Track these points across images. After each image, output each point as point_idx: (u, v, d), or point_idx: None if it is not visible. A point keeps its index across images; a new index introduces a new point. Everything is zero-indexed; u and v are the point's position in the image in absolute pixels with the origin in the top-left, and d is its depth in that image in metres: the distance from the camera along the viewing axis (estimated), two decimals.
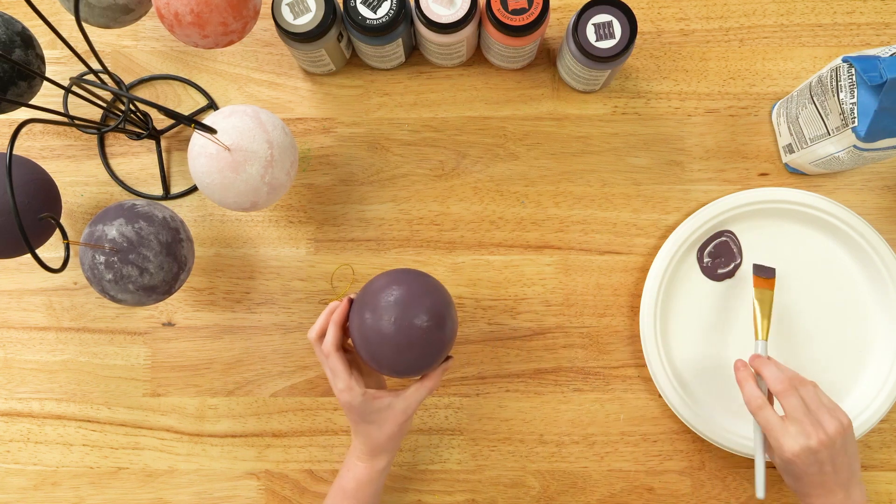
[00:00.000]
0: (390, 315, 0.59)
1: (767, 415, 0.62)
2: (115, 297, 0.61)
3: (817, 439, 0.60)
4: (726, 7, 0.77)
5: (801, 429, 0.60)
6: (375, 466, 0.65)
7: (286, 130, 0.65)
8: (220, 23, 0.58)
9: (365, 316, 0.60)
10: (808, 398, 0.62)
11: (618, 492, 0.75)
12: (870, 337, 0.74)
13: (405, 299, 0.59)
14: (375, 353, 0.60)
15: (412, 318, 0.59)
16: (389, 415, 0.63)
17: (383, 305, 0.59)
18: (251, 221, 0.77)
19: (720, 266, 0.74)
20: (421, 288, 0.61)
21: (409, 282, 0.61)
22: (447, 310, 0.61)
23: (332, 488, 0.67)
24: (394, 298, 0.59)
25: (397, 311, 0.59)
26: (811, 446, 0.60)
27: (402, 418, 0.63)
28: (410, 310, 0.59)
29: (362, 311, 0.60)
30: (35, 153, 0.78)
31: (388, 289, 0.60)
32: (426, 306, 0.59)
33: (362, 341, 0.60)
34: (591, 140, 0.76)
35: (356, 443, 0.65)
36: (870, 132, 0.61)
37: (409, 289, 0.60)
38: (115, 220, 0.60)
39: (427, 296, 0.60)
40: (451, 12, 0.67)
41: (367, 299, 0.61)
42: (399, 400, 0.62)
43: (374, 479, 0.65)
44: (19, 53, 0.62)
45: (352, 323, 0.62)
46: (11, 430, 0.76)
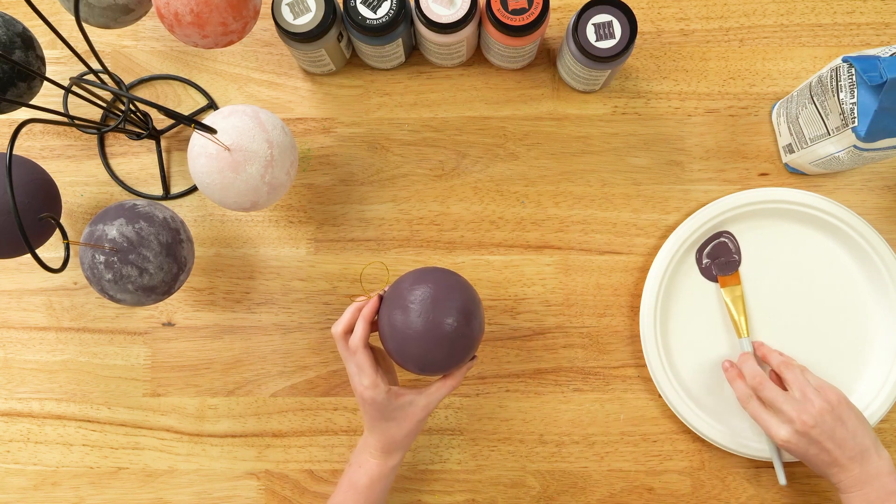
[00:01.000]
0: (421, 312, 0.60)
1: (754, 407, 0.66)
2: (114, 296, 0.61)
3: (801, 422, 0.62)
4: (726, 7, 0.77)
5: (783, 416, 0.63)
6: (388, 463, 0.65)
7: (286, 130, 0.65)
8: (219, 23, 0.58)
9: (395, 312, 0.61)
10: (792, 381, 0.65)
11: (618, 492, 0.75)
12: (870, 337, 0.74)
13: (437, 297, 0.60)
14: (404, 350, 0.61)
15: (443, 317, 0.60)
16: (410, 412, 0.63)
17: (415, 302, 0.60)
18: (251, 221, 0.77)
19: (719, 267, 0.74)
20: (451, 286, 0.62)
21: (440, 280, 0.62)
22: (476, 309, 0.62)
23: (342, 484, 0.67)
24: (425, 296, 0.60)
25: (428, 309, 0.60)
26: (797, 430, 0.62)
27: (422, 415, 0.64)
28: (441, 308, 0.60)
29: (393, 307, 0.61)
30: (35, 153, 0.78)
31: (420, 286, 0.61)
32: (457, 305, 0.61)
33: (391, 337, 0.61)
34: (591, 140, 0.76)
35: (370, 440, 0.65)
36: (870, 132, 0.61)
37: (441, 287, 0.61)
38: (116, 219, 0.60)
39: (457, 294, 0.61)
40: (451, 12, 0.67)
41: (398, 296, 0.62)
42: (422, 397, 0.63)
43: (385, 476, 0.65)
44: (19, 54, 0.62)
45: (381, 319, 0.63)
46: (11, 430, 0.76)
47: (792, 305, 0.74)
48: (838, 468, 0.62)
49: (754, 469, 0.74)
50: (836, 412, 0.63)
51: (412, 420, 0.64)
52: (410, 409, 0.63)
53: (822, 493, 0.74)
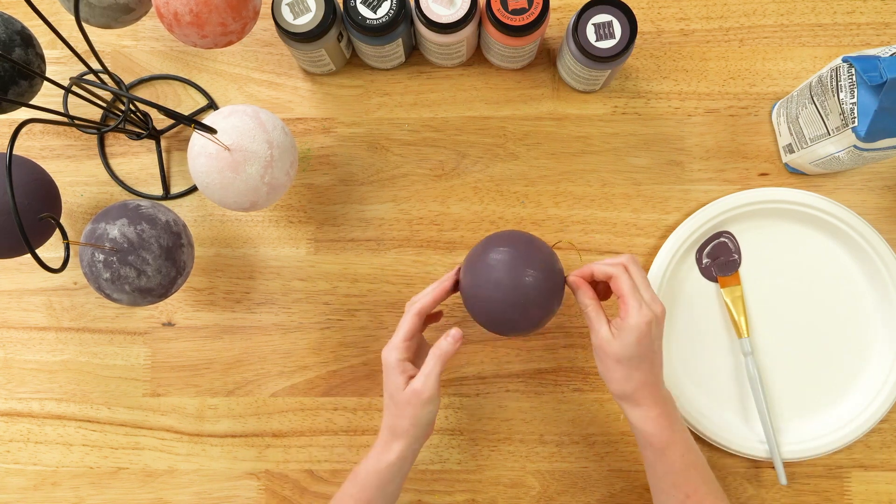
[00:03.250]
0: (497, 267, 0.62)
1: (631, 279, 0.61)
2: (110, 295, 0.61)
3: (661, 308, 0.61)
4: (726, 7, 0.77)
5: (650, 297, 0.61)
6: (386, 456, 0.63)
7: (286, 130, 0.65)
8: (219, 23, 0.58)
9: (467, 272, 0.64)
10: (636, 275, 0.62)
11: (618, 492, 0.75)
12: (870, 337, 0.74)
13: (516, 257, 0.62)
14: (475, 306, 0.63)
15: (522, 273, 0.62)
16: (411, 394, 0.61)
17: (489, 260, 0.63)
18: (251, 221, 0.77)
19: (719, 267, 0.74)
20: (522, 243, 0.64)
21: (514, 239, 0.64)
22: (552, 263, 0.63)
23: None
24: (501, 255, 0.63)
25: (507, 265, 0.62)
26: (659, 314, 0.60)
27: (416, 400, 0.61)
28: (519, 264, 0.62)
29: (467, 268, 0.64)
30: (35, 153, 0.78)
31: (494, 246, 0.63)
32: (534, 260, 0.62)
33: (466, 295, 0.64)
34: (591, 140, 0.76)
35: (382, 426, 0.65)
36: (870, 132, 0.61)
37: (514, 244, 0.64)
38: (118, 219, 0.60)
39: (531, 252, 0.63)
40: (451, 12, 0.67)
41: (473, 257, 0.64)
42: (417, 379, 0.62)
43: (380, 471, 0.63)
44: (19, 52, 0.62)
45: (462, 280, 0.64)
46: (11, 430, 0.76)
47: (792, 305, 0.74)
48: (649, 382, 0.60)
49: (754, 469, 0.74)
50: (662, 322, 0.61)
51: (412, 405, 0.61)
52: (410, 390, 0.62)
53: (823, 493, 0.74)
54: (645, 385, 0.60)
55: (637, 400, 0.60)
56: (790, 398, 0.74)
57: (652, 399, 0.60)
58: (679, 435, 0.60)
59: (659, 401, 0.60)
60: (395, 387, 0.62)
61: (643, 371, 0.60)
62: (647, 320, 0.59)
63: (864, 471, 0.74)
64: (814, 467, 0.74)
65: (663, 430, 0.60)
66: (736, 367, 0.74)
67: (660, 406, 0.60)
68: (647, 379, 0.60)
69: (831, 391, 0.74)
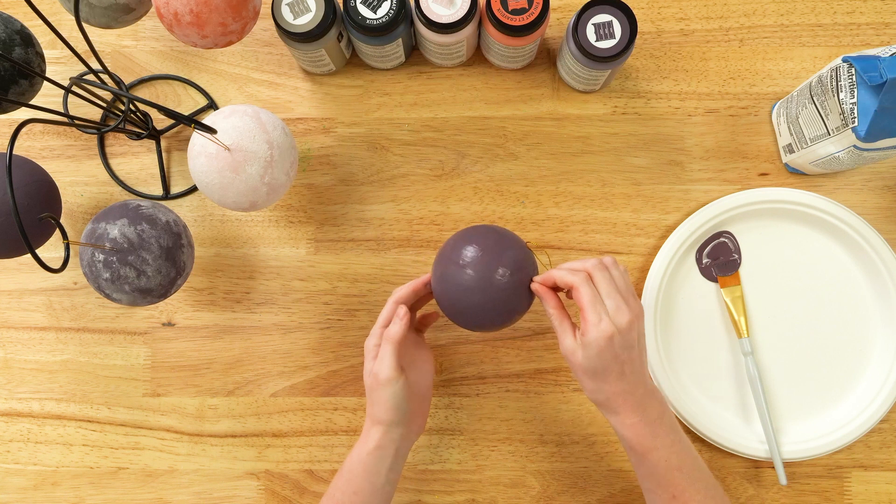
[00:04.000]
0: (464, 261, 0.61)
1: (593, 291, 0.57)
2: (110, 295, 0.61)
3: (630, 315, 0.57)
4: (726, 7, 0.77)
5: (616, 306, 0.57)
6: (366, 444, 0.63)
7: (286, 130, 0.65)
8: (219, 23, 0.58)
9: (437, 267, 0.63)
10: (602, 284, 0.58)
11: (618, 492, 0.75)
12: (870, 337, 0.74)
13: (484, 251, 0.61)
14: (445, 300, 0.62)
15: (492, 269, 0.60)
16: (370, 378, 0.63)
17: (448, 251, 0.62)
18: (251, 221, 0.77)
19: (719, 267, 0.74)
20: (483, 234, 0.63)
21: (484, 235, 0.63)
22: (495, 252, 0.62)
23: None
24: (455, 244, 0.62)
25: (453, 255, 0.61)
26: (625, 323, 0.56)
27: (375, 382, 0.61)
28: (461, 251, 0.61)
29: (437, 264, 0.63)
30: (35, 153, 0.78)
31: (463, 243, 0.62)
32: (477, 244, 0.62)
33: (437, 291, 0.63)
34: (591, 140, 0.76)
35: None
36: (870, 132, 0.61)
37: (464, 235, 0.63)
38: (119, 219, 0.60)
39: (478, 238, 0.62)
40: (451, 12, 0.67)
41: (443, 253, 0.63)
42: (375, 361, 0.63)
43: (363, 460, 0.62)
44: (19, 52, 0.62)
45: (432, 275, 0.64)
46: (11, 430, 0.76)
47: (792, 305, 0.74)
48: (624, 388, 0.58)
49: (754, 469, 0.74)
50: (638, 326, 0.58)
51: (373, 389, 0.62)
52: (369, 374, 0.63)
53: (823, 493, 0.74)
54: (617, 394, 0.58)
55: (612, 408, 0.58)
56: (790, 398, 0.74)
57: (628, 407, 0.58)
58: (661, 440, 0.58)
59: (636, 408, 0.58)
60: (366, 372, 0.64)
61: (611, 382, 0.57)
62: (607, 335, 0.56)
63: (864, 471, 0.74)
64: (814, 467, 0.74)
65: (642, 437, 0.58)
66: (736, 367, 0.74)
67: (637, 413, 0.58)
68: (619, 388, 0.57)
69: (831, 391, 0.74)
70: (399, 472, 0.65)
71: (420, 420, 0.66)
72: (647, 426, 0.58)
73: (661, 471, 0.58)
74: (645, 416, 0.58)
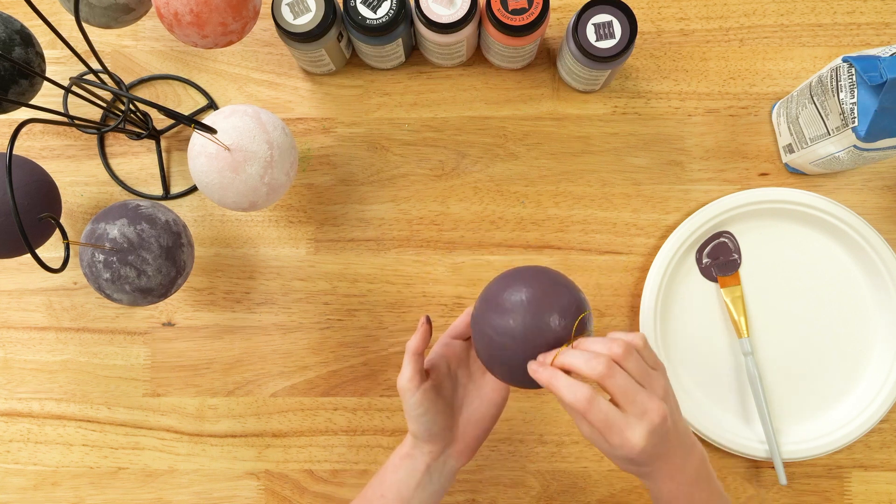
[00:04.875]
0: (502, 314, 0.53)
1: (604, 408, 0.49)
2: (110, 295, 0.61)
3: (659, 414, 0.49)
4: (726, 7, 0.77)
5: (640, 411, 0.49)
6: (400, 448, 0.61)
7: (286, 131, 0.65)
8: (219, 23, 0.58)
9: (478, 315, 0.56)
10: (633, 368, 0.51)
11: (618, 492, 0.75)
12: (870, 337, 0.74)
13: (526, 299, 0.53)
14: (485, 347, 0.55)
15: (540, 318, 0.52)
16: (399, 391, 0.59)
17: (505, 303, 0.54)
18: (251, 221, 0.77)
19: (719, 267, 0.74)
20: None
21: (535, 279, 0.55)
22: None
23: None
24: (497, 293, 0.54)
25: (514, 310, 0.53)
26: (655, 425, 0.49)
27: (400, 393, 0.59)
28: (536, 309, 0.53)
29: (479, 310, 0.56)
30: (35, 153, 0.78)
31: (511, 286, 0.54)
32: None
33: (473, 327, 0.56)
34: (591, 140, 0.76)
35: None
36: (870, 132, 0.61)
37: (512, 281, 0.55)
38: (118, 219, 0.60)
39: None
40: (451, 12, 0.67)
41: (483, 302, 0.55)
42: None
43: (394, 462, 0.60)
44: (19, 51, 0.62)
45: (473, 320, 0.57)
46: (11, 430, 0.76)
47: (792, 305, 0.74)
48: (664, 462, 0.52)
49: (754, 469, 0.74)
50: (671, 389, 0.52)
51: (402, 401, 0.59)
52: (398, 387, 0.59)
53: (823, 493, 0.74)
54: (657, 469, 0.52)
55: (649, 478, 0.53)
56: (790, 398, 0.74)
57: (665, 474, 0.52)
58: (698, 498, 0.54)
59: (675, 473, 0.52)
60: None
61: (650, 466, 0.52)
62: (637, 451, 0.49)
63: (864, 471, 0.74)
64: (814, 467, 0.74)
65: (679, 499, 0.53)
66: (736, 367, 0.74)
67: (676, 479, 0.52)
68: (659, 465, 0.52)
69: (831, 391, 0.74)
70: (433, 495, 0.60)
71: (461, 445, 0.61)
72: (683, 487, 0.53)
73: None
74: (683, 477, 0.53)
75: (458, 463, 0.61)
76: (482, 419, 0.61)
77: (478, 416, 0.61)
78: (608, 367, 0.49)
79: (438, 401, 0.59)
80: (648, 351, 0.53)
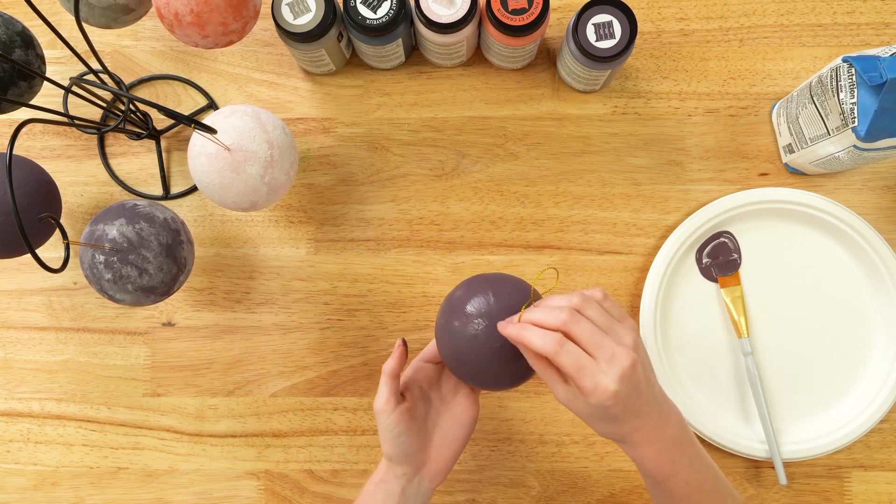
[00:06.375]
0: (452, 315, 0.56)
1: (574, 351, 0.50)
2: (113, 296, 0.61)
3: (628, 358, 0.50)
4: (726, 7, 0.77)
5: (608, 355, 0.50)
6: (374, 474, 0.62)
7: (286, 130, 0.65)
8: (219, 23, 0.58)
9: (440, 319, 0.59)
10: (595, 317, 0.51)
11: (618, 492, 0.75)
12: (870, 337, 0.74)
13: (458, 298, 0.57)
14: (449, 358, 0.58)
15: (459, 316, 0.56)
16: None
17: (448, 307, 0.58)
18: (251, 221, 0.77)
19: (719, 267, 0.74)
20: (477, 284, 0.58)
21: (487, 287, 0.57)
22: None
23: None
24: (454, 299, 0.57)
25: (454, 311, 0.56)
26: (625, 368, 0.49)
27: (376, 413, 0.60)
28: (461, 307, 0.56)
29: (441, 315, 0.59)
30: (35, 153, 0.78)
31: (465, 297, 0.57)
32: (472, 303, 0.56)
33: (440, 347, 0.59)
34: (591, 140, 0.76)
35: None
36: (870, 132, 0.61)
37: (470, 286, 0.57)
38: (116, 219, 0.60)
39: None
40: (451, 12, 0.67)
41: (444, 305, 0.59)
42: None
43: (369, 490, 0.62)
44: (19, 53, 0.62)
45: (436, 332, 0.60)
46: (11, 430, 0.76)
47: (792, 306, 0.74)
48: (640, 419, 0.52)
49: (754, 469, 0.74)
50: (641, 343, 0.52)
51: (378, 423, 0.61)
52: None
53: (822, 493, 0.74)
54: (632, 430, 0.52)
55: (627, 442, 0.53)
56: (790, 398, 0.74)
57: (644, 438, 0.52)
58: (680, 463, 0.54)
59: (653, 437, 0.52)
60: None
61: (623, 423, 0.51)
62: (609, 394, 0.49)
63: (864, 471, 0.74)
64: (814, 467, 0.74)
65: (661, 464, 0.53)
66: (736, 367, 0.74)
67: (654, 443, 0.53)
68: (633, 425, 0.52)
69: (831, 391, 0.74)
70: None
71: (434, 466, 0.62)
72: (664, 452, 0.53)
73: (680, 495, 0.54)
74: (662, 442, 0.53)
75: (432, 484, 0.62)
76: (454, 440, 0.63)
77: (450, 437, 0.63)
78: (571, 315, 0.51)
79: (413, 423, 0.61)
80: (611, 303, 0.53)
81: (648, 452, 0.53)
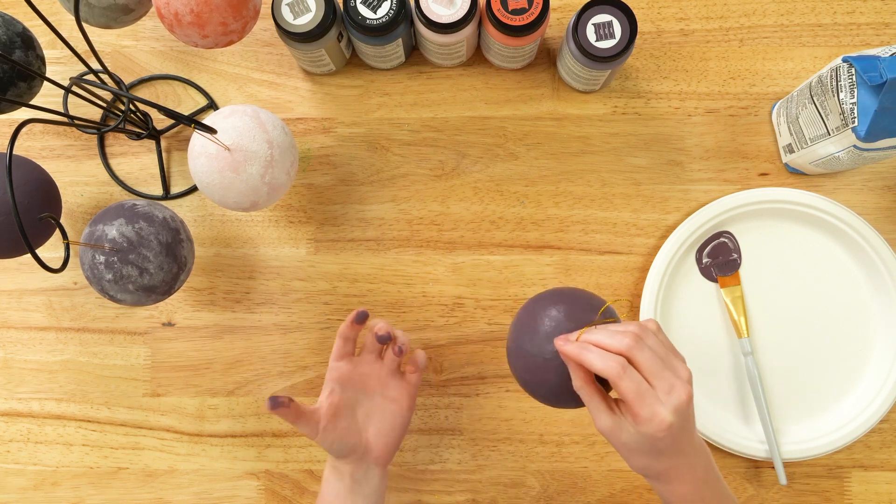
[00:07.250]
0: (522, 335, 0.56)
1: (636, 377, 0.49)
2: (114, 296, 0.61)
3: (686, 392, 0.49)
4: (726, 7, 0.77)
5: (667, 386, 0.49)
6: (328, 461, 0.65)
7: (286, 130, 0.65)
8: (219, 23, 0.58)
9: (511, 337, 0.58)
10: (655, 347, 0.51)
11: (618, 492, 0.75)
12: (870, 337, 0.74)
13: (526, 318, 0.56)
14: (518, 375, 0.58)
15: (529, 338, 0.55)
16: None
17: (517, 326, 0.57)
18: (251, 221, 0.77)
19: (719, 267, 0.74)
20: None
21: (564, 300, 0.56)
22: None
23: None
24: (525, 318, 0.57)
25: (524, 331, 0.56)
26: (682, 402, 0.49)
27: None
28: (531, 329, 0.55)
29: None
30: (35, 153, 0.78)
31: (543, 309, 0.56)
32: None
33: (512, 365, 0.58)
34: (591, 140, 0.76)
35: None
36: (870, 132, 0.61)
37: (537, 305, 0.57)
38: (116, 219, 0.60)
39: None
40: (451, 12, 0.67)
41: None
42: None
43: (325, 475, 0.64)
44: (20, 54, 0.62)
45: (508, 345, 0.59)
46: (11, 430, 0.76)
47: (792, 305, 0.74)
48: (680, 456, 0.51)
49: (754, 469, 0.74)
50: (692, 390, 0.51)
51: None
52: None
53: (823, 493, 0.74)
54: (673, 467, 0.51)
55: (664, 478, 0.52)
56: (790, 398, 0.74)
57: (680, 477, 0.52)
58: (711, 502, 0.53)
59: (687, 476, 0.52)
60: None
61: (665, 460, 0.51)
62: (665, 426, 0.48)
63: (864, 471, 0.74)
64: (814, 467, 0.74)
65: (689, 502, 0.53)
66: (736, 367, 0.74)
67: (689, 482, 0.52)
68: (673, 462, 0.51)
69: (831, 391, 0.74)
70: (369, 497, 0.63)
71: (377, 453, 0.64)
72: (696, 491, 0.53)
73: None
74: (696, 481, 0.52)
75: (379, 468, 0.64)
76: (391, 429, 0.65)
77: (387, 428, 0.64)
78: (635, 341, 0.50)
79: (338, 428, 0.62)
80: (664, 335, 0.53)
81: (682, 490, 0.52)
